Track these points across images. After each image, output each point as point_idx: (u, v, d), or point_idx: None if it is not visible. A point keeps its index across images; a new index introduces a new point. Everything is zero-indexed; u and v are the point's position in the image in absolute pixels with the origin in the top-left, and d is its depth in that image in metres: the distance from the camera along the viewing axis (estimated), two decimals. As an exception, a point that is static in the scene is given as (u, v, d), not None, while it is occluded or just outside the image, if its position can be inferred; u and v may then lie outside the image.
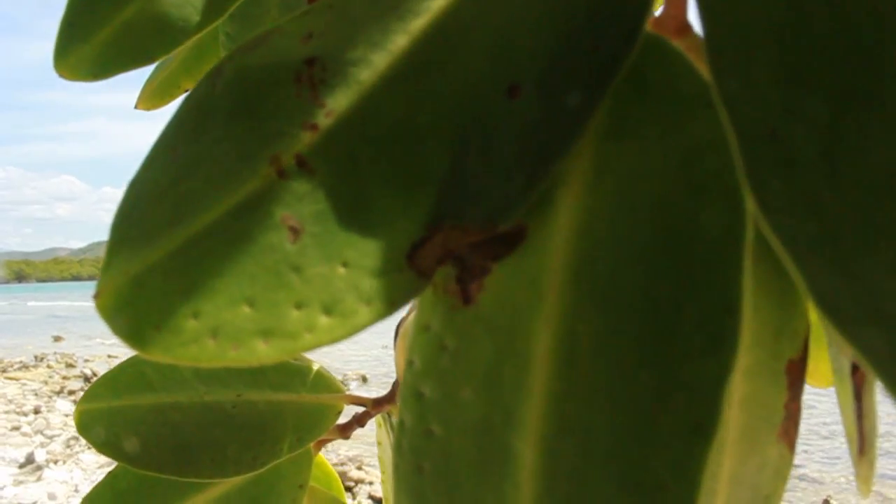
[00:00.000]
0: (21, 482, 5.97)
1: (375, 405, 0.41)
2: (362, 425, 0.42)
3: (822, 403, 11.02)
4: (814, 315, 0.19)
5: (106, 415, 0.36)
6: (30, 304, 55.72)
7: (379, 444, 0.45)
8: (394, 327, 0.37)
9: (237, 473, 0.34)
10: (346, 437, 0.41)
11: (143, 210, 0.16)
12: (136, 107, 0.47)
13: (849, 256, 0.11)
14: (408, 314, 0.35)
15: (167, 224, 0.16)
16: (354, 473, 7.36)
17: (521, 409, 0.15)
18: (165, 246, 0.16)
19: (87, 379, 14.49)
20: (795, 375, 0.18)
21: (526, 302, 0.15)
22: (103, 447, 0.34)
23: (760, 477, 0.19)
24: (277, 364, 0.37)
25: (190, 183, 0.16)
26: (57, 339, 24.17)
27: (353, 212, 0.15)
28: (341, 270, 0.15)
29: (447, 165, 0.15)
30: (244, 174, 0.16)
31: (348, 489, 7.04)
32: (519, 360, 0.15)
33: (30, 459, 6.47)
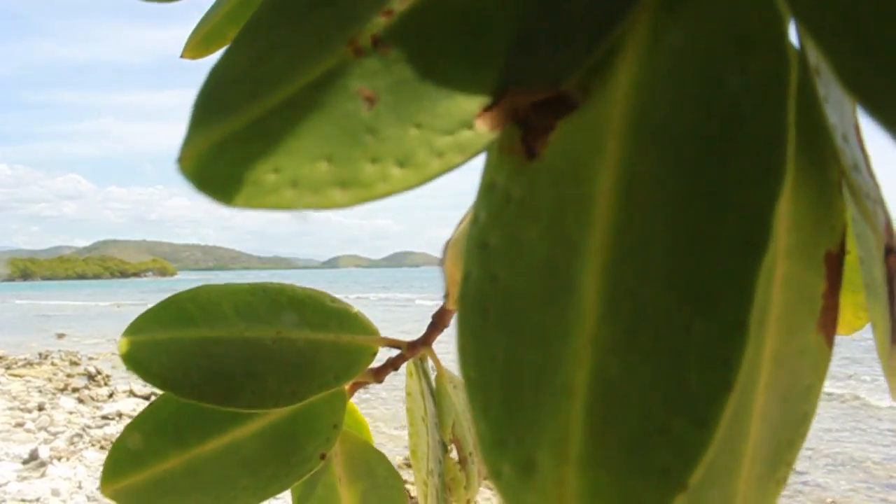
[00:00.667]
0: (25, 478, 5.99)
1: (410, 348, 0.42)
2: (396, 369, 0.43)
3: (825, 410, 10.99)
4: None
5: (150, 346, 0.37)
6: (17, 301, 55.83)
7: (408, 394, 0.46)
8: (405, 329, 0.38)
9: (276, 406, 0.36)
10: (380, 381, 0.42)
11: (223, 89, 0.17)
12: (182, 56, 0.48)
13: (870, 36, 0.13)
14: (454, 233, 0.35)
15: (247, 98, 0.17)
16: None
17: (583, 242, 0.16)
18: (246, 116, 0.17)
19: (91, 377, 14.51)
20: (833, 267, 0.19)
21: (588, 150, 0.16)
22: (148, 375, 0.35)
23: (801, 363, 0.20)
24: (315, 305, 0.38)
25: (270, 64, 0.17)
26: (60, 336, 24.23)
27: (425, 83, 0.16)
28: (414, 131, 0.16)
29: (512, 36, 0.17)
30: (322, 54, 0.17)
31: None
32: (582, 200, 0.16)
33: (34, 456, 6.49)
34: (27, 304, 56.27)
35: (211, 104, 0.17)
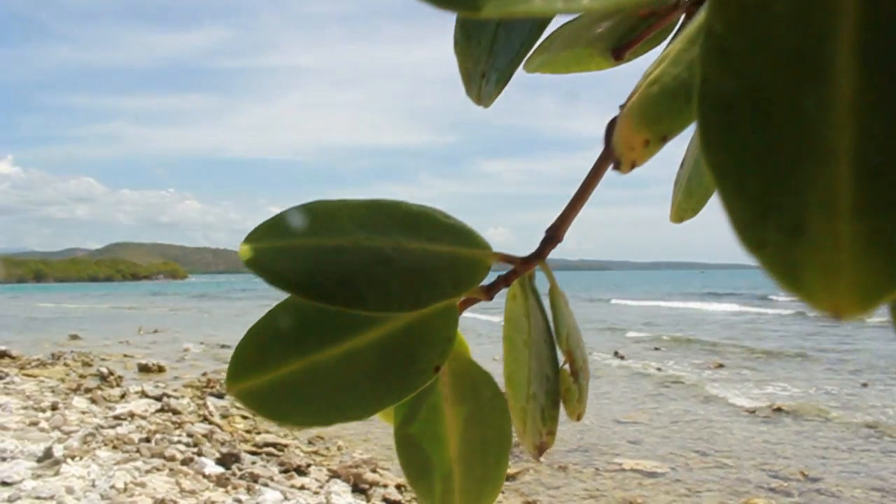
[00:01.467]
0: (39, 476, 6.01)
1: (523, 263, 0.41)
2: (508, 284, 0.42)
3: (835, 410, 10.82)
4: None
5: (273, 251, 0.37)
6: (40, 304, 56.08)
7: (508, 321, 0.45)
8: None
9: (400, 310, 0.36)
10: (490, 298, 0.42)
11: None
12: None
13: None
14: (628, 101, 0.34)
15: None
16: (369, 476, 7.36)
17: (834, 30, 0.17)
18: None
19: (103, 377, 14.57)
20: None
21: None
22: (274, 278, 0.35)
23: None
24: (430, 220, 0.39)
25: None
26: (73, 337, 24.35)
27: None
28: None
29: None
30: None
31: (362, 491, 7.03)
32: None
33: (48, 454, 6.52)
34: (40, 305, 56.63)
35: None
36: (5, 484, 5.75)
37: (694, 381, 14.10)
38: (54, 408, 9.95)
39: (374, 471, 7.38)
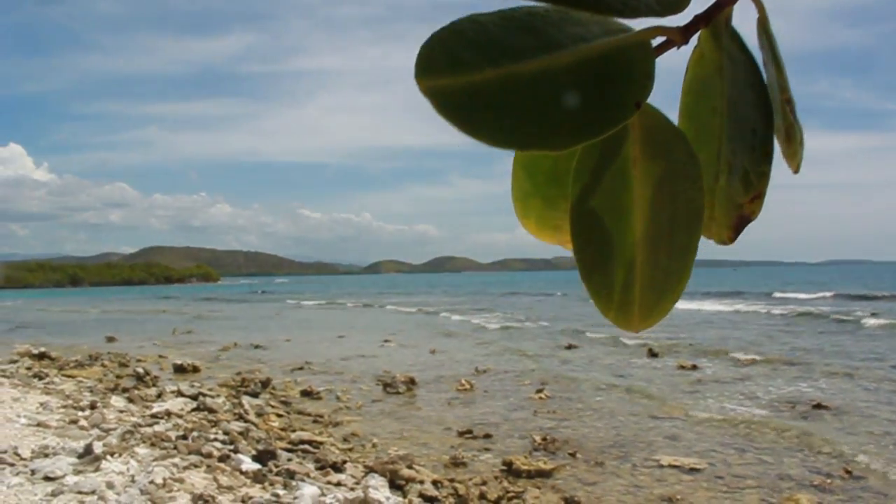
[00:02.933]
0: (80, 472, 6.09)
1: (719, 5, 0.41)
2: (707, 23, 0.40)
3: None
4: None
5: (459, 92, 0.37)
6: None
7: (689, 92, 0.43)
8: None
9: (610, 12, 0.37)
10: (685, 41, 0.41)
11: None
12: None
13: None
14: None
15: None
16: (405, 472, 7.37)
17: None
18: None
19: (139, 377, 14.73)
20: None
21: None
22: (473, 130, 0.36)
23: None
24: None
25: None
26: (110, 339, 24.64)
27: None
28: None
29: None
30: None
31: (398, 487, 7.03)
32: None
33: (88, 451, 6.60)
34: (75, 308, 57.40)
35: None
36: (48, 479, 5.83)
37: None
38: (93, 406, 10.08)
39: (410, 467, 7.38)
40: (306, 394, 13.24)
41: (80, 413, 9.38)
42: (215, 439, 8.45)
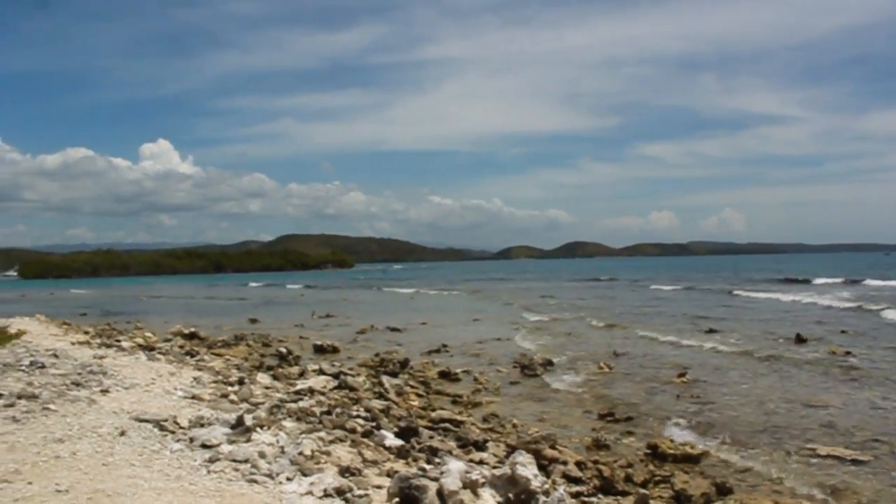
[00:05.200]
0: (234, 441, 6.30)
1: None
2: None
3: None
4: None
5: None
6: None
7: None
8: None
9: None
10: None
11: None
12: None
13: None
14: None
15: None
16: (548, 452, 7.26)
17: None
18: None
19: (282, 357, 15.20)
20: None
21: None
22: None
23: None
24: None
25: None
26: (253, 321, 25.58)
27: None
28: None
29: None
30: None
31: (541, 468, 6.93)
32: None
33: (240, 422, 6.83)
34: (219, 292, 60.13)
35: None
36: (205, 446, 6.06)
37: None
38: (241, 382, 10.45)
39: (553, 447, 7.27)
40: (444, 375, 13.35)
41: (229, 388, 9.74)
42: (357, 416, 8.60)
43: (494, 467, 6.85)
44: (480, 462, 6.99)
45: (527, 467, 5.12)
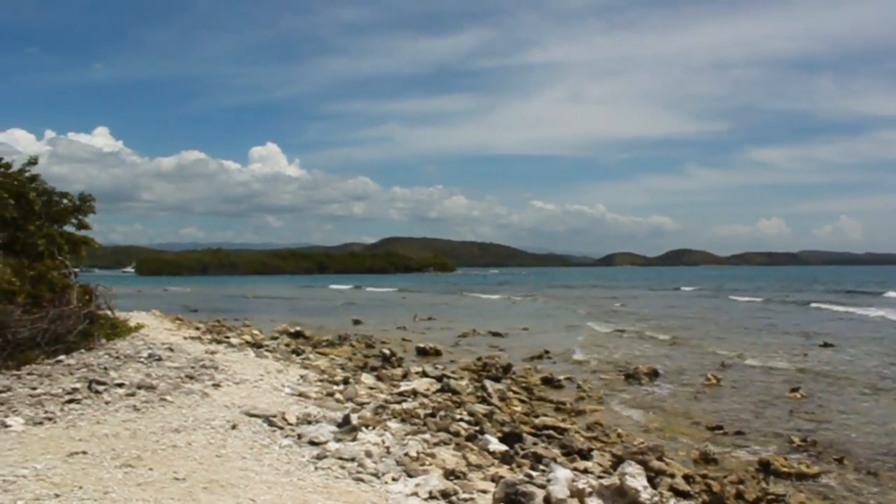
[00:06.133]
0: (340, 440, 6.38)
1: None
2: None
3: None
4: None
5: None
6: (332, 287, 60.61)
7: None
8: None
9: None
10: None
11: None
12: None
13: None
14: None
15: None
16: (655, 464, 7.08)
17: None
18: None
19: (385, 358, 15.36)
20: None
21: None
22: None
23: None
24: None
25: None
26: (356, 322, 25.98)
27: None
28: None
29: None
30: None
31: (648, 479, 6.76)
32: None
33: (346, 421, 6.91)
34: (325, 292, 61.37)
35: None
36: (313, 443, 6.16)
37: None
38: (346, 382, 10.61)
39: (660, 459, 7.09)
40: (547, 381, 13.24)
41: (335, 387, 9.90)
42: (461, 419, 8.60)
43: (600, 477, 6.73)
44: (585, 471, 6.88)
45: (636, 478, 5.00)
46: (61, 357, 9.86)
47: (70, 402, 7.12)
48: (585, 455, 7.55)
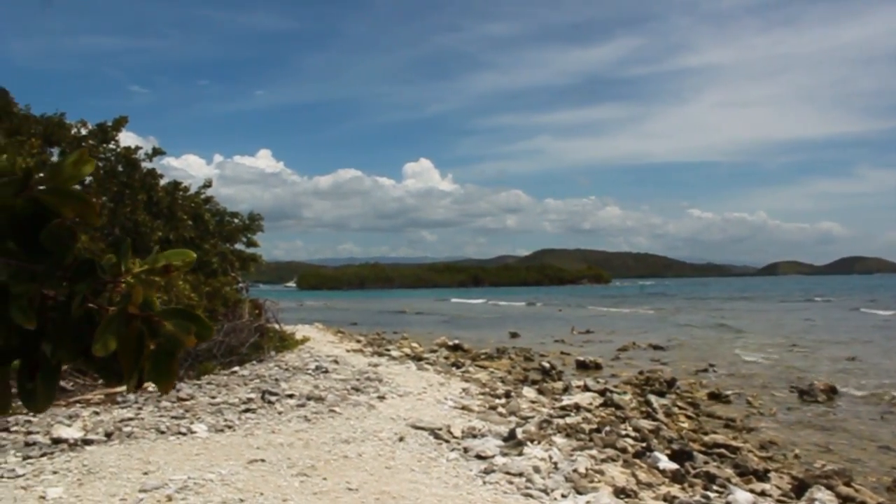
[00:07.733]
0: (507, 454, 6.34)
1: None
2: None
3: None
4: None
5: None
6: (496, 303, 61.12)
7: None
8: None
9: None
10: None
11: None
12: None
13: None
14: None
15: None
16: (842, 489, 6.63)
17: None
18: None
19: (545, 371, 15.23)
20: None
21: None
22: None
23: None
24: None
25: None
26: (514, 335, 25.98)
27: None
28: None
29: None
30: None
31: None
32: None
33: (512, 436, 6.86)
34: (481, 306, 61.75)
35: None
36: (480, 457, 6.15)
37: None
38: (508, 395, 10.58)
39: (847, 484, 6.62)
40: (714, 396, 12.71)
41: (497, 400, 9.88)
42: (627, 435, 8.38)
43: (779, 500, 6.36)
44: (763, 493, 6.52)
45: (827, 504, 4.68)
46: (235, 368, 10.37)
47: (246, 411, 7.45)
48: (761, 476, 7.16)
